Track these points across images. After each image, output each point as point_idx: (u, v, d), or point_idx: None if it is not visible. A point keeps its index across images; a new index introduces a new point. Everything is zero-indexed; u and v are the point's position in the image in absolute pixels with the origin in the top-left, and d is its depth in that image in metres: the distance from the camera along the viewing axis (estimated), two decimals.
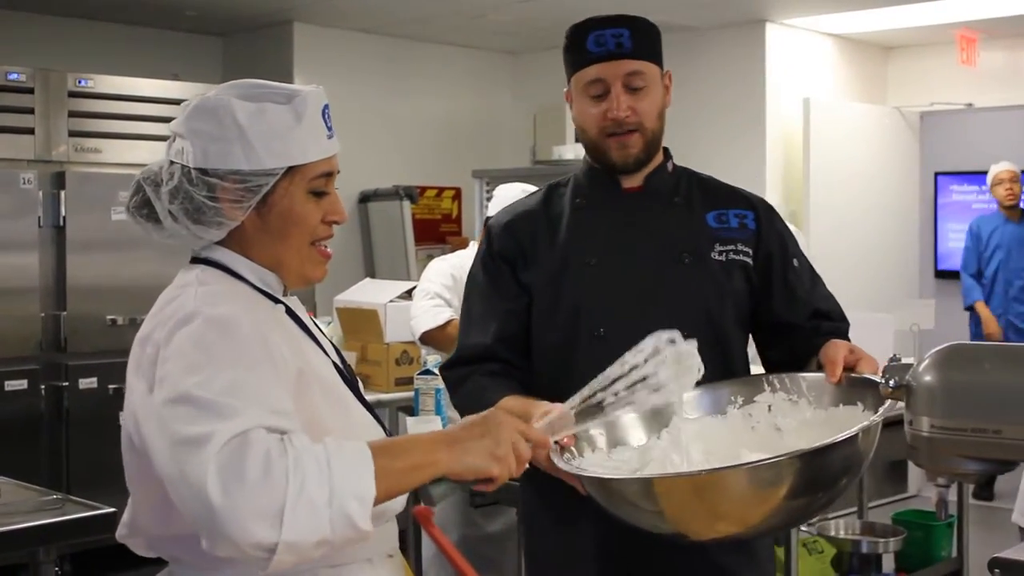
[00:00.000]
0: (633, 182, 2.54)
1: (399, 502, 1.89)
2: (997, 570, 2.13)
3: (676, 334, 1.96)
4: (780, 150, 7.91)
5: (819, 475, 1.82)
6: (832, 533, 5.10)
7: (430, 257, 7.34)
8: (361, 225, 8.14)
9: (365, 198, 8.09)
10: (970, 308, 7.73)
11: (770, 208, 2.62)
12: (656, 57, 2.52)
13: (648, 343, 1.95)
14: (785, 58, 7.96)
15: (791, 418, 2.16)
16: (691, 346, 1.96)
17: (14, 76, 6.21)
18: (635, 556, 2.45)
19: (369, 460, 1.66)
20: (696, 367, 1.97)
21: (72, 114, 6.40)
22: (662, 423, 2.18)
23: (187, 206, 1.88)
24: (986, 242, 7.62)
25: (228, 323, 1.76)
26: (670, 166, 2.60)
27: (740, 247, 2.51)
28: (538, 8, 6.95)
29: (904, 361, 1.80)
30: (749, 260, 2.51)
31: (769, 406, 2.22)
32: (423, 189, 8.29)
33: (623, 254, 2.48)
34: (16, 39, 7.02)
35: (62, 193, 6.27)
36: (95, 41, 7.52)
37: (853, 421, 1.97)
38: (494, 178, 7.74)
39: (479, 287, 2.59)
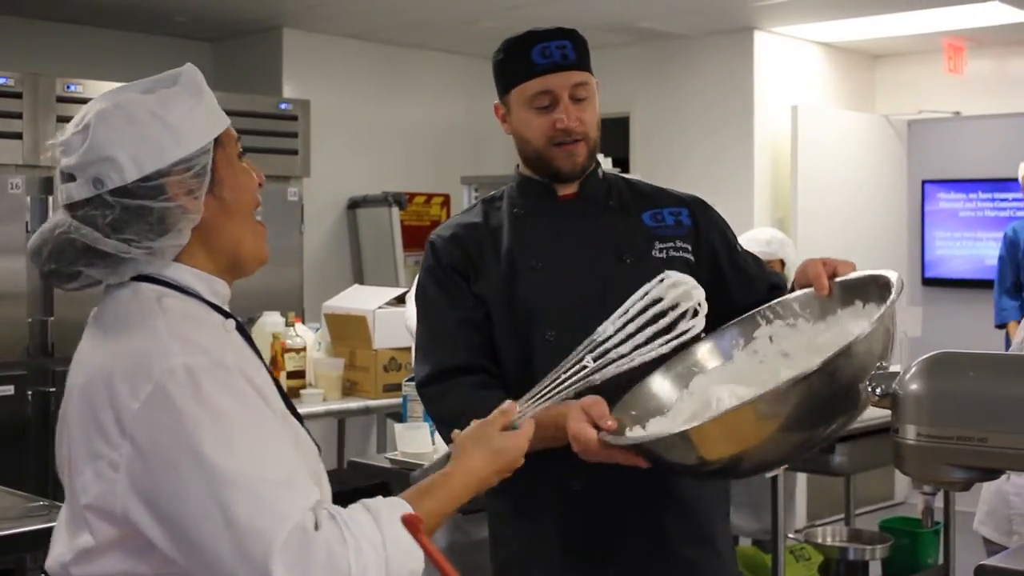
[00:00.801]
0: (568, 189, 2.57)
1: None
2: None
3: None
4: (768, 157, 7.92)
5: (863, 363, 1.84)
6: (820, 540, 5.11)
7: (418, 264, 7.33)
8: (350, 231, 8.14)
9: (354, 204, 8.09)
10: (1002, 326, 7.42)
11: (702, 202, 2.66)
12: (591, 67, 2.54)
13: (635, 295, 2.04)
14: (773, 66, 7.98)
15: (795, 340, 2.21)
16: (678, 274, 2.06)
17: (2, 81, 6.20)
18: (599, 551, 2.47)
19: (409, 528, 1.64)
20: (693, 283, 2.05)
21: (60, 119, 6.37)
22: (679, 387, 2.26)
23: (147, 222, 1.72)
24: None
25: (227, 370, 1.66)
26: (600, 173, 2.62)
27: (679, 243, 2.54)
28: (529, 15, 6.95)
29: (891, 369, 1.80)
30: (690, 256, 2.54)
31: (770, 337, 2.27)
32: (412, 196, 8.29)
33: (566, 258, 2.51)
34: (5, 43, 7.02)
35: (50, 199, 6.25)
36: (84, 46, 7.51)
37: (858, 317, 2.04)
38: (482, 185, 7.74)
39: (434, 302, 2.58)
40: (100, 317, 1.79)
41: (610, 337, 1.99)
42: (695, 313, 2.03)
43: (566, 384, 1.98)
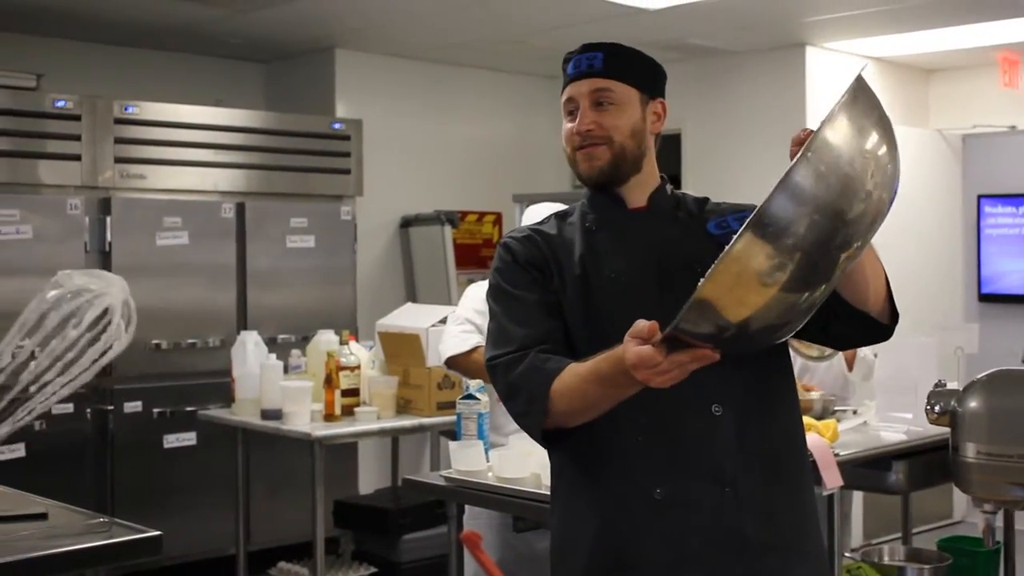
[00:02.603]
0: (638, 202, 2.59)
1: None
2: None
3: None
4: None
5: (848, 158, 1.91)
6: (876, 559, 5.07)
7: (471, 281, 7.36)
8: (403, 249, 8.16)
9: (407, 223, 8.11)
10: None
11: None
12: (633, 80, 2.56)
13: None
14: (825, 82, 7.93)
15: None
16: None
17: (61, 103, 6.28)
18: (682, 559, 2.45)
19: None
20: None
21: (118, 140, 6.45)
22: None
23: None
24: None
25: None
26: (668, 189, 2.65)
27: None
28: (576, 34, 6.95)
29: (949, 387, 1.79)
30: None
31: None
32: (464, 214, 8.31)
33: (638, 268, 2.52)
34: (63, 67, 7.10)
35: (108, 219, 6.33)
36: (140, 68, 7.58)
37: None
38: (534, 202, 7.70)
39: (509, 292, 2.57)
40: None
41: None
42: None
43: None
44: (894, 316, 2.46)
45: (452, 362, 4.58)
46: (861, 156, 1.85)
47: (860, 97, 1.89)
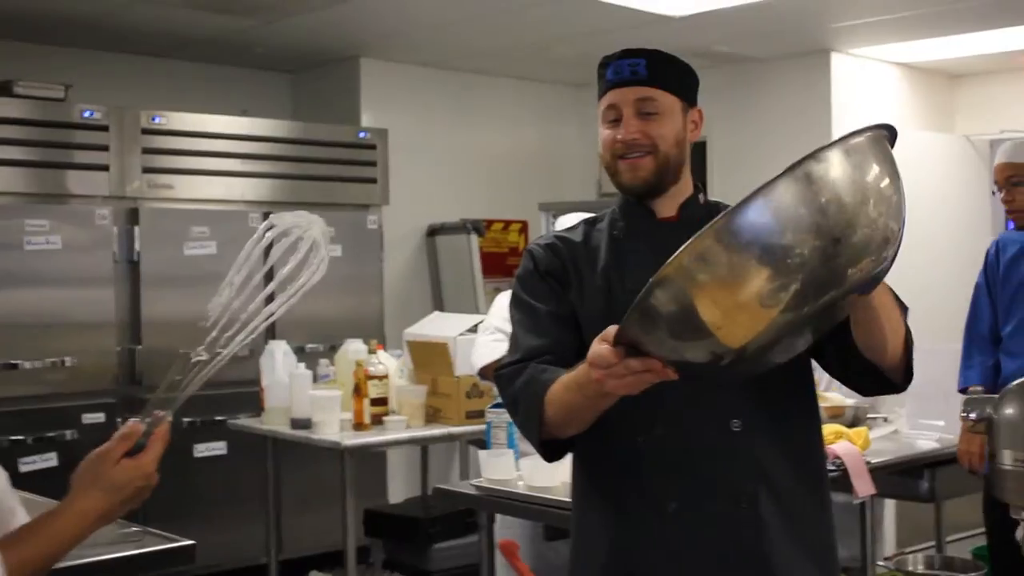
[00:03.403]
0: (668, 212, 2.56)
1: None
2: None
3: None
4: None
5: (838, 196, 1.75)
6: (910, 568, 5.05)
7: (497, 290, 7.35)
8: (429, 258, 8.17)
9: (433, 231, 8.12)
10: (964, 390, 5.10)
11: None
12: (675, 89, 2.53)
13: None
14: (851, 87, 7.90)
15: None
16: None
17: (89, 114, 6.31)
18: (696, 572, 2.44)
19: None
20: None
21: (145, 151, 6.49)
22: None
23: None
24: None
25: None
26: (702, 198, 2.61)
27: None
28: (603, 41, 6.95)
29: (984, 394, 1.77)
30: None
31: None
32: (490, 223, 8.31)
33: None
34: (91, 78, 7.12)
35: (136, 228, 6.36)
36: (167, 79, 7.61)
37: None
38: (560, 211, 7.72)
39: (526, 302, 2.58)
40: None
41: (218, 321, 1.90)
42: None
43: (188, 380, 1.90)
44: (908, 375, 2.38)
45: (484, 371, 4.58)
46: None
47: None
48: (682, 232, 2.54)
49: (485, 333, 4.71)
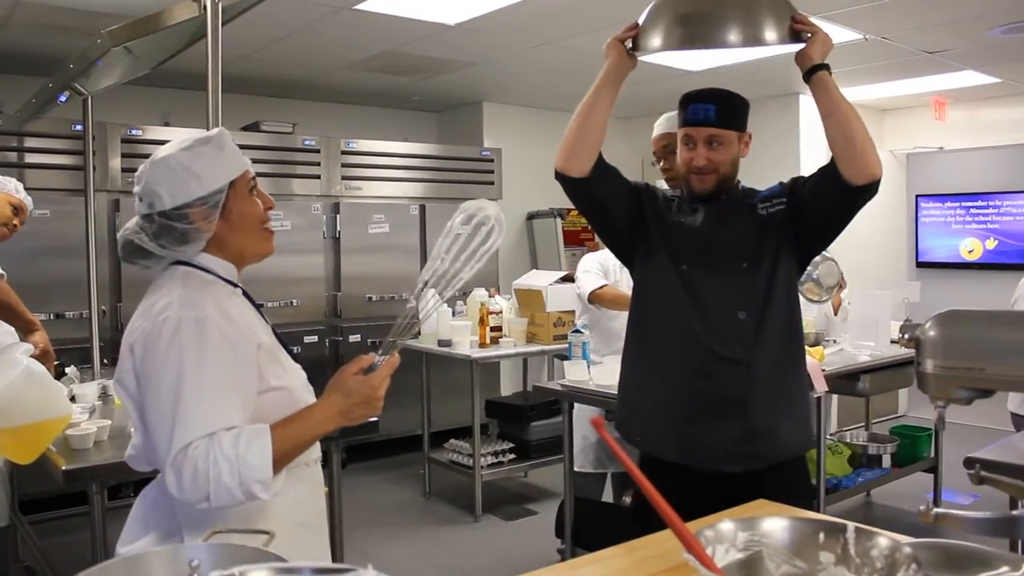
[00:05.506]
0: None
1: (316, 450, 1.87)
2: (977, 465, 2.00)
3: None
4: None
5: None
6: (848, 440, 4.94)
7: (575, 255, 7.28)
8: (528, 234, 8.14)
9: (531, 216, 8.08)
10: None
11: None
12: (734, 124, 2.43)
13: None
14: (816, 124, 7.64)
15: None
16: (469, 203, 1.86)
17: (309, 142, 6.36)
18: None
19: (268, 447, 1.60)
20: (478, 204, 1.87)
21: (343, 165, 6.52)
22: None
23: (173, 236, 1.74)
24: None
25: (203, 325, 1.65)
26: (739, 186, 2.52)
27: (775, 200, 2.43)
28: (644, 90, 6.84)
29: (914, 322, 1.70)
30: (782, 206, 2.42)
31: None
32: (569, 210, 8.23)
33: (707, 230, 2.45)
34: (309, 118, 7.19)
35: (337, 216, 6.40)
36: (357, 118, 7.65)
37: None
38: None
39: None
40: (152, 286, 1.80)
41: (439, 270, 1.81)
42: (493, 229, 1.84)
43: (413, 319, 1.81)
44: (876, 177, 2.33)
45: (592, 296, 4.40)
46: None
47: None
48: (722, 209, 2.45)
49: (583, 272, 4.56)
